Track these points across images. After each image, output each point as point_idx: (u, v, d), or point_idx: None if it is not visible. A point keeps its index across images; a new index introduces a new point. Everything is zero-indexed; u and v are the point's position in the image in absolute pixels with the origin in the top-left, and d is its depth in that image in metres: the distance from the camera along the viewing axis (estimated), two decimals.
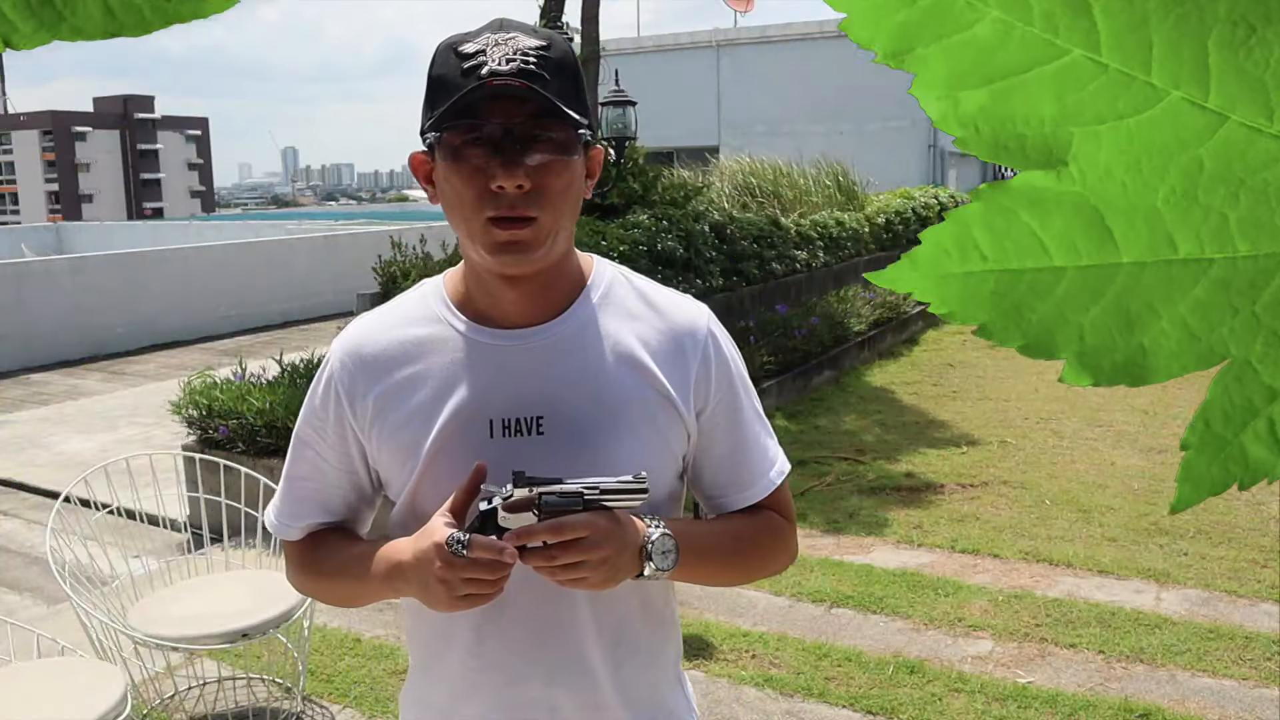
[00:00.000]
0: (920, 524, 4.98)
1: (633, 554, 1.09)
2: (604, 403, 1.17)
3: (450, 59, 1.09)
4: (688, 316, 1.24)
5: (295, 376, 5.62)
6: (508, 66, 1.05)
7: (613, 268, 1.27)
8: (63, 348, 10.50)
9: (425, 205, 38.89)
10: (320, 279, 13.69)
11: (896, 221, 12.00)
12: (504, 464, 1.13)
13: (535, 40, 1.09)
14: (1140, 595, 4.11)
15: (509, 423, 1.16)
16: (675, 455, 1.23)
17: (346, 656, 3.69)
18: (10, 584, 4.70)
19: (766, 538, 1.29)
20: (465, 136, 1.08)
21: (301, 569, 1.31)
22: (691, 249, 7.26)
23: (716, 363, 1.23)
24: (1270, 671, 3.47)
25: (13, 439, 7.20)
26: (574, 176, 1.12)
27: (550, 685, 1.20)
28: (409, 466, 1.19)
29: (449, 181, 1.11)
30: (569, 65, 1.11)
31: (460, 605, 1.08)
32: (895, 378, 8.53)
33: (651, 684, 1.27)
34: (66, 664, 2.83)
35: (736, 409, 1.26)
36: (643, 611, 1.24)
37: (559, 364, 1.18)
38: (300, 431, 1.27)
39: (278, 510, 1.30)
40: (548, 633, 1.19)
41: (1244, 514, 5.06)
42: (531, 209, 1.08)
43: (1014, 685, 3.40)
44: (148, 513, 3.70)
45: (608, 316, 1.21)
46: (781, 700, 3.36)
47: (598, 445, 1.16)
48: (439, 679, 1.26)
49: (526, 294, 1.17)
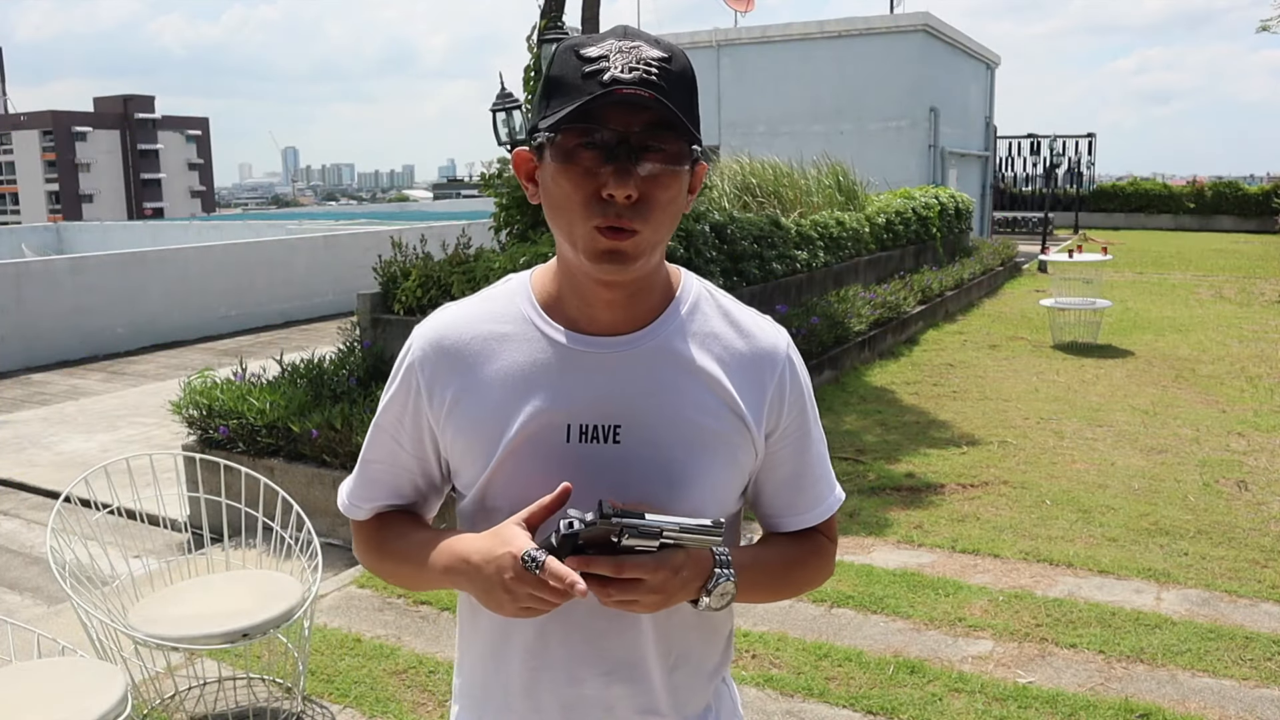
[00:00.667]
0: (920, 524, 4.97)
1: (691, 590, 1.11)
2: (681, 417, 1.18)
3: (571, 60, 1.08)
4: (769, 339, 1.25)
5: (295, 376, 5.62)
6: (630, 75, 1.05)
7: (698, 282, 1.27)
8: (63, 348, 10.51)
9: (425, 205, 38.82)
10: (320, 279, 13.69)
11: (897, 221, 11.99)
12: (579, 470, 1.15)
13: (658, 51, 1.09)
14: (1140, 595, 4.11)
15: (586, 429, 1.17)
16: (743, 474, 1.24)
17: (346, 656, 3.69)
18: (10, 584, 4.70)
19: (815, 563, 1.33)
20: (580, 140, 1.07)
21: (367, 548, 1.33)
22: (691, 249, 7.26)
23: (791, 388, 1.25)
24: (1270, 671, 3.47)
25: (13, 439, 7.19)
26: (680, 190, 1.12)
27: (607, 687, 1.22)
28: (482, 462, 1.19)
29: (557, 183, 1.10)
30: (687, 79, 1.12)
31: (520, 614, 1.09)
32: (895, 378, 8.53)
33: (701, 689, 1.29)
34: (66, 664, 2.82)
35: (805, 435, 1.28)
36: (699, 620, 1.25)
37: (641, 375, 1.18)
38: (379, 416, 1.28)
39: (349, 491, 1.33)
40: (608, 636, 1.21)
41: (1244, 514, 5.06)
42: (636, 221, 1.08)
43: (1014, 685, 3.40)
44: (148, 513, 3.70)
45: (692, 332, 1.21)
46: (781, 700, 3.35)
47: (671, 459, 1.17)
48: (495, 679, 1.27)
49: (618, 302, 1.17)
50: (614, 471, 1.15)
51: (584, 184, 1.08)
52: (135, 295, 11.36)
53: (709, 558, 1.12)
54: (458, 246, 6.44)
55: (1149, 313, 12.19)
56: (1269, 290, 14.52)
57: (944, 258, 13.89)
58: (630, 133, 1.06)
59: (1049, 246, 19.43)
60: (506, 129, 6.55)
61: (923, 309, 10.91)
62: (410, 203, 50.05)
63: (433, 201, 49.64)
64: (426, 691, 3.44)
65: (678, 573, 1.08)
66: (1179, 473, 5.75)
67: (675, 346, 1.20)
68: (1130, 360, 9.23)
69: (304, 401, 5.19)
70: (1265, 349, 9.74)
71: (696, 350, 1.20)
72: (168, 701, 3.37)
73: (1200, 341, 10.13)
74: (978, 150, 22.64)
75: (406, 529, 1.29)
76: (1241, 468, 5.85)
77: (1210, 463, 5.94)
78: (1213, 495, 5.36)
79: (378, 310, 6.24)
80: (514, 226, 6.60)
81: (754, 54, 19.69)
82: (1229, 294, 14.08)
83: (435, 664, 3.61)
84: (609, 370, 1.18)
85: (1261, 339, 10.31)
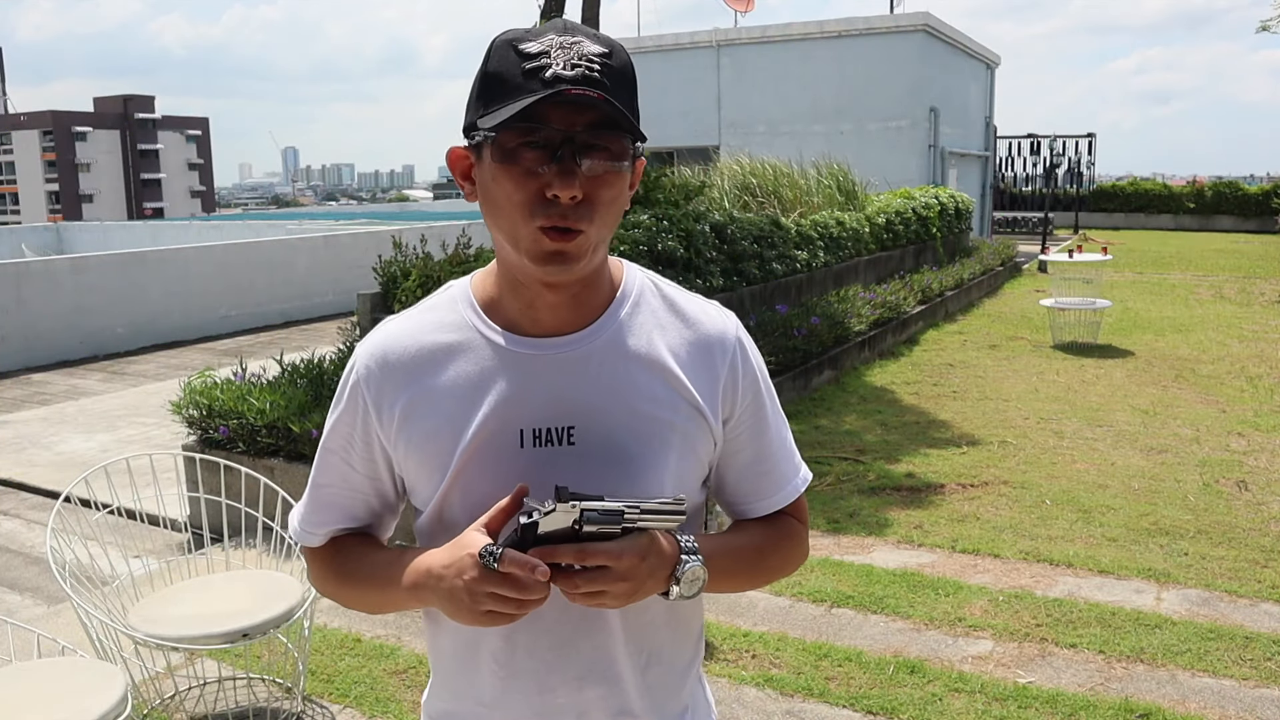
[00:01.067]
0: (920, 524, 4.97)
1: (659, 579, 1.09)
2: (635, 413, 1.16)
3: (509, 56, 1.06)
4: (717, 325, 1.24)
5: (295, 376, 5.62)
6: (572, 72, 1.03)
7: (642, 274, 1.26)
8: (63, 348, 10.51)
9: (425, 205, 38.85)
10: (320, 279, 13.69)
11: (897, 221, 11.99)
12: (535, 474, 1.13)
13: (599, 47, 1.07)
14: (1140, 595, 4.11)
15: (540, 433, 1.15)
16: (702, 464, 1.23)
17: (346, 656, 3.69)
18: (10, 584, 4.70)
19: (787, 547, 1.31)
20: (522, 139, 1.05)
21: (324, 575, 1.29)
22: (692, 249, 7.26)
23: (743, 372, 1.23)
24: (1270, 671, 3.47)
25: (13, 439, 7.19)
26: (623, 188, 1.11)
27: (580, 691, 1.20)
28: (437, 476, 1.17)
29: (498, 183, 1.08)
30: (628, 75, 1.10)
31: (482, 621, 1.06)
32: (895, 378, 8.53)
33: (675, 687, 1.28)
34: (66, 664, 2.82)
35: (762, 418, 1.27)
36: (668, 617, 1.24)
37: (590, 373, 1.17)
38: (326, 438, 1.26)
39: (301, 517, 1.29)
40: (577, 640, 1.19)
41: (1244, 514, 5.06)
42: (582, 221, 1.07)
43: (1014, 685, 3.40)
44: (148, 513, 3.70)
45: (638, 326, 1.20)
46: (781, 700, 3.35)
47: (629, 455, 1.16)
48: (466, 687, 1.25)
49: (561, 303, 1.16)
50: (571, 473, 1.13)
51: (526, 184, 1.06)
52: (135, 295, 11.36)
53: (674, 545, 1.10)
54: (458, 246, 6.44)
55: (1149, 313, 12.19)
56: (1269, 290, 14.52)
57: (944, 258, 13.90)
58: (574, 132, 1.04)
59: (1049, 246, 19.43)
60: None
61: (923, 309, 10.91)
62: (410, 203, 50.11)
63: (433, 201, 49.69)
64: None
65: (644, 559, 1.05)
66: (1179, 473, 5.75)
67: (623, 342, 1.18)
68: (1130, 360, 9.23)
69: (304, 401, 5.19)
70: (1265, 349, 9.74)
71: (644, 343, 1.19)
72: (168, 701, 3.37)
73: (1200, 341, 10.13)
74: (978, 150, 22.64)
75: (364, 551, 1.26)
76: (1241, 468, 5.85)
77: (1210, 463, 5.94)
78: (1213, 495, 5.36)
79: (378, 310, 6.24)
80: None
81: (754, 54, 19.69)
82: (1229, 294, 14.08)
83: None
84: (558, 371, 1.16)
85: (1261, 339, 10.31)
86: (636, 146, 1.10)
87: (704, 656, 1.36)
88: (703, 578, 1.12)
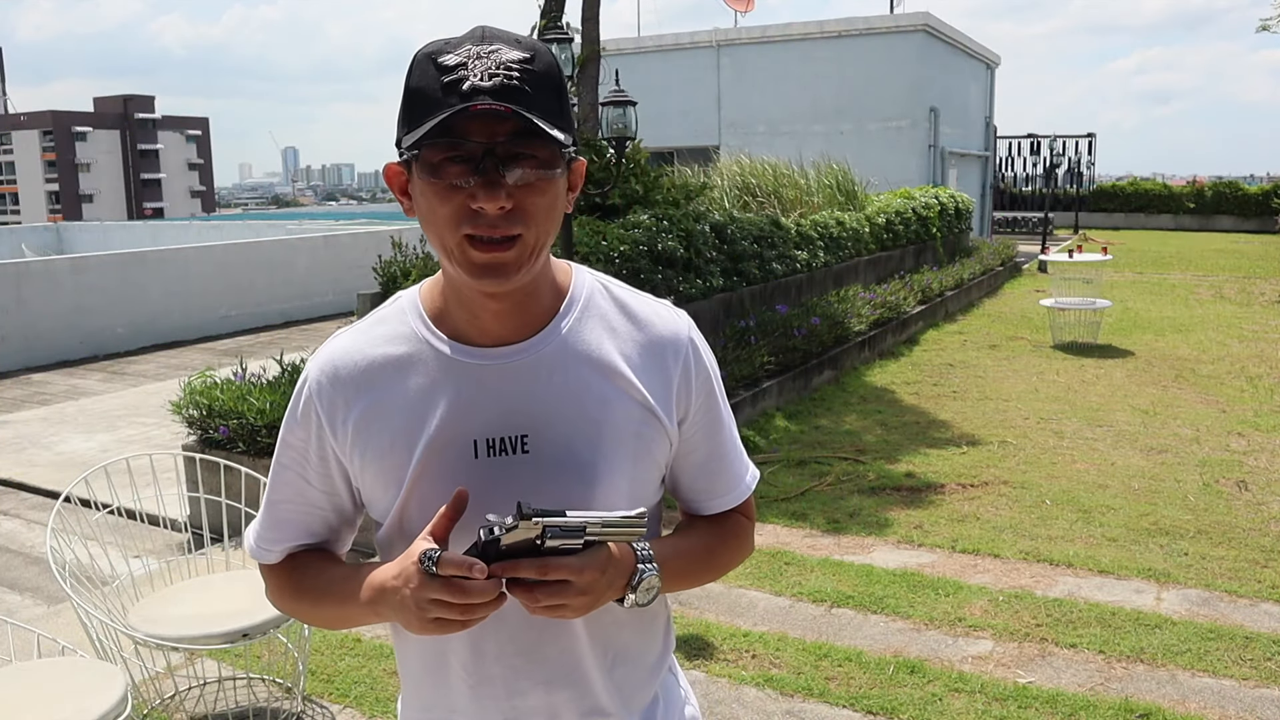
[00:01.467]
0: (920, 524, 4.97)
1: (617, 588, 1.10)
2: (588, 418, 1.16)
3: (429, 70, 1.05)
4: (669, 326, 1.23)
5: (295, 376, 5.62)
6: (490, 82, 1.02)
7: (591, 277, 1.25)
8: (63, 348, 10.51)
9: None
10: (320, 279, 13.69)
11: (897, 221, 12.00)
12: (490, 484, 1.13)
13: (518, 52, 1.05)
14: (1140, 595, 4.11)
15: (493, 442, 1.15)
16: (659, 465, 1.23)
17: (346, 656, 3.69)
18: (10, 584, 4.70)
19: (735, 544, 1.33)
20: (445, 154, 1.04)
21: (281, 592, 1.29)
22: (692, 249, 7.26)
23: (696, 372, 1.23)
24: (1270, 671, 3.47)
25: (13, 439, 7.19)
26: (556, 194, 1.10)
27: (549, 694, 1.21)
28: (394, 489, 1.17)
29: (426, 197, 1.08)
30: (553, 77, 1.07)
31: (431, 629, 1.05)
32: (895, 378, 8.53)
33: (643, 682, 1.29)
34: (66, 664, 2.82)
35: (715, 417, 1.27)
36: (632, 617, 1.24)
37: (541, 381, 1.16)
38: (279, 454, 1.25)
39: (258, 535, 1.29)
40: (542, 644, 1.20)
41: (1244, 514, 5.06)
42: (515, 226, 1.06)
43: (1014, 685, 3.40)
44: (148, 513, 3.70)
45: (588, 330, 1.19)
46: (781, 700, 3.35)
47: (584, 461, 1.15)
48: (437, 696, 1.26)
49: (506, 310, 1.15)
50: (527, 481, 1.13)
51: (452, 197, 1.05)
52: (135, 295, 11.36)
53: (631, 555, 1.11)
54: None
55: (1149, 313, 12.19)
56: (1269, 290, 14.52)
57: (944, 258, 13.90)
58: (495, 143, 1.03)
59: (1049, 246, 19.43)
60: None
61: (923, 309, 10.92)
62: None
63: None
64: None
65: (603, 572, 1.06)
66: (1179, 473, 5.75)
67: (573, 347, 1.18)
68: (1130, 360, 9.23)
69: None
70: (1265, 349, 9.74)
71: (595, 347, 1.18)
72: (168, 701, 3.37)
73: (1200, 341, 10.13)
74: (978, 150, 22.64)
75: (322, 566, 1.26)
76: (1241, 468, 5.85)
77: (1210, 463, 5.94)
78: (1213, 495, 5.36)
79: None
80: None
81: (754, 54, 19.69)
82: (1229, 294, 14.08)
83: None
84: (508, 380, 1.16)
85: (1261, 339, 10.31)
86: (566, 150, 1.08)
87: (703, 656, 1.37)
88: (658, 586, 1.13)
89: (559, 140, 1.04)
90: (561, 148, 1.06)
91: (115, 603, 3.17)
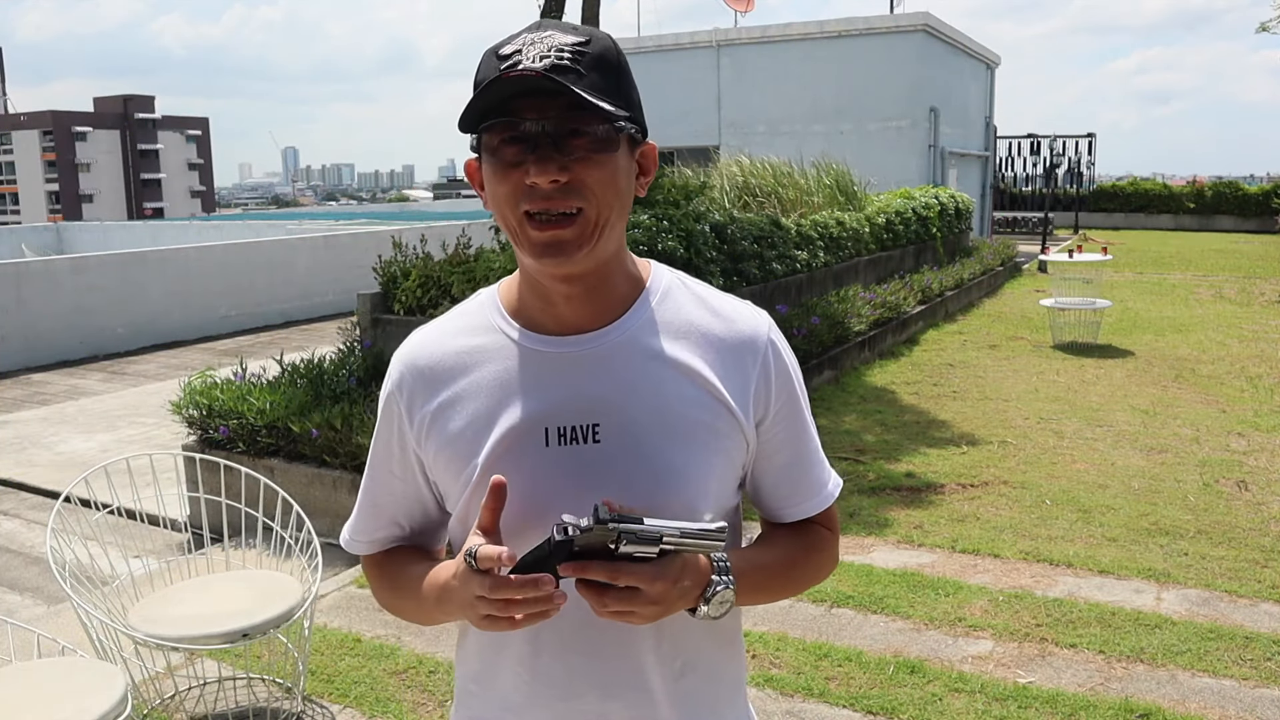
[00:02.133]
0: (920, 524, 4.97)
1: (689, 599, 1.08)
2: (661, 410, 1.14)
3: (491, 62, 1.07)
4: (749, 324, 1.22)
5: (295, 376, 5.62)
6: (540, 64, 1.03)
7: (670, 273, 1.24)
8: (63, 348, 10.51)
9: (425, 205, 38.87)
10: (320, 279, 13.69)
11: (897, 221, 11.99)
12: (560, 472, 1.12)
13: (572, 37, 1.07)
14: (1140, 595, 4.11)
15: (564, 430, 1.14)
16: (735, 465, 1.21)
17: (346, 656, 3.69)
18: (10, 584, 4.70)
19: (817, 559, 1.30)
20: (502, 135, 1.06)
21: (378, 587, 1.31)
22: (692, 249, 7.26)
23: (777, 372, 1.21)
24: (1270, 671, 3.47)
25: (13, 439, 7.19)
26: (615, 171, 1.09)
27: (605, 700, 1.17)
28: (464, 478, 1.17)
29: (489, 181, 1.10)
30: (609, 60, 1.08)
31: (486, 625, 1.05)
32: (895, 378, 8.53)
33: (711, 703, 1.24)
34: (66, 664, 2.82)
35: (798, 420, 1.25)
36: (705, 626, 1.19)
37: (615, 370, 1.15)
38: (371, 448, 1.28)
39: (351, 526, 1.31)
40: (604, 645, 1.16)
41: (1244, 514, 5.06)
42: (573, 200, 1.06)
43: (1014, 685, 3.40)
44: (148, 513, 3.70)
45: (666, 321, 1.18)
46: (781, 700, 3.35)
47: (655, 453, 1.14)
48: (491, 695, 1.23)
49: (579, 297, 1.15)
50: (596, 471, 1.12)
51: (509, 175, 1.07)
52: (135, 295, 11.36)
53: (707, 566, 1.09)
54: (458, 246, 6.44)
55: (1149, 313, 12.19)
56: (1269, 290, 14.52)
57: (944, 258, 13.89)
58: (547, 119, 1.04)
59: (1049, 246, 19.43)
60: None
61: (923, 309, 10.91)
62: (410, 203, 50.06)
63: (433, 201, 49.66)
64: (426, 691, 3.44)
65: (676, 583, 1.04)
66: (1179, 473, 5.75)
67: (649, 338, 1.17)
68: (1130, 360, 9.23)
69: (304, 401, 5.19)
70: (1265, 349, 9.74)
71: (672, 340, 1.17)
72: (168, 701, 3.37)
73: (1200, 341, 10.13)
74: (978, 150, 22.64)
75: (408, 562, 1.26)
76: (1241, 468, 5.85)
77: (1210, 463, 5.94)
78: (1213, 495, 5.36)
79: (378, 310, 6.24)
80: None
81: (754, 54, 19.69)
82: (1229, 294, 14.08)
83: (435, 664, 3.60)
84: (582, 369, 1.15)
85: (1261, 339, 10.31)
86: (625, 126, 1.08)
87: None
88: (732, 600, 1.10)
89: (612, 115, 1.05)
90: (616, 124, 1.07)
91: (115, 603, 3.17)
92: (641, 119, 1.13)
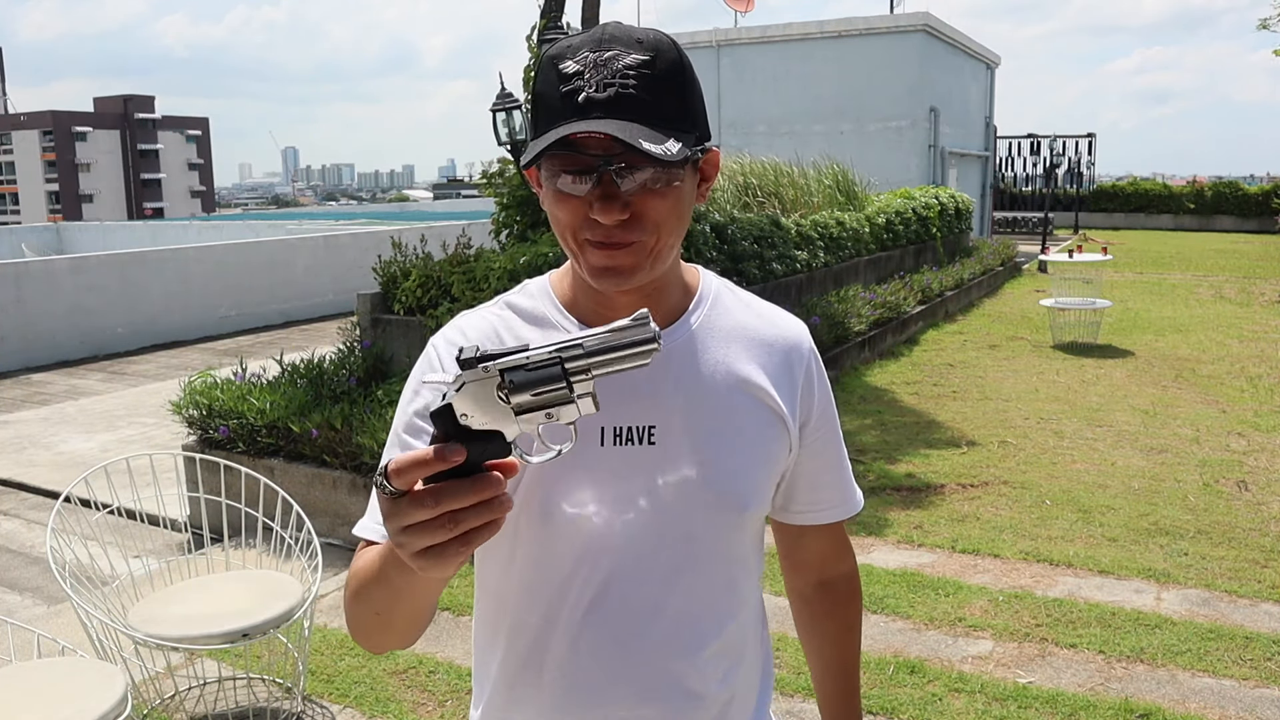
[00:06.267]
0: (920, 524, 4.97)
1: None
2: (717, 413, 1.15)
3: (551, 76, 1.04)
4: (794, 332, 1.26)
5: (295, 376, 5.62)
6: (604, 94, 1.01)
7: (717, 280, 1.25)
8: (63, 348, 10.51)
9: (425, 205, 38.81)
10: (320, 279, 13.69)
11: (897, 221, 11.99)
12: (614, 474, 1.11)
13: (637, 55, 1.03)
14: (1140, 595, 4.11)
15: (620, 431, 1.13)
16: (779, 468, 1.22)
17: (346, 656, 3.69)
18: (10, 584, 4.70)
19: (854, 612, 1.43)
20: (563, 167, 1.04)
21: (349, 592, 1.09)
22: (691, 249, 7.26)
23: (818, 377, 1.25)
24: (1270, 671, 3.47)
25: (13, 439, 7.19)
26: (679, 199, 1.08)
27: (637, 708, 1.15)
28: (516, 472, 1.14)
29: (548, 202, 1.08)
30: (675, 77, 1.06)
31: (431, 567, 0.83)
32: (895, 378, 8.53)
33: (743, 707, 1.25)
34: (66, 664, 2.82)
35: (833, 427, 1.29)
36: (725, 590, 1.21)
37: (672, 373, 1.15)
38: (396, 426, 1.16)
39: (368, 512, 1.13)
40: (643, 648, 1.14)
41: (1244, 514, 5.06)
42: (633, 234, 1.05)
43: (1014, 685, 3.40)
44: (148, 513, 3.70)
45: (719, 328, 1.19)
46: (781, 700, 3.35)
47: (708, 457, 1.14)
48: (524, 699, 1.19)
49: (635, 302, 1.13)
50: (651, 473, 1.12)
51: (571, 204, 1.05)
52: (135, 295, 11.36)
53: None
54: (458, 246, 6.44)
55: (1149, 313, 12.19)
56: (1269, 290, 14.52)
57: (944, 258, 13.89)
58: (612, 154, 1.02)
59: (1049, 246, 19.43)
60: (506, 129, 6.54)
61: (923, 309, 10.91)
62: (410, 203, 50.04)
63: (433, 201, 49.62)
64: (426, 691, 3.44)
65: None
66: (1179, 473, 5.75)
67: (704, 342, 1.18)
68: (1130, 360, 9.23)
69: (304, 401, 5.19)
70: (1265, 349, 9.74)
71: (726, 345, 1.19)
72: (168, 701, 3.37)
73: (1200, 341, 10.13)
74: (978, 150, 22.64)
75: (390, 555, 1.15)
76: (1241, 468, 5.85)
77: (1210, 463, 5.94)
78: (1213, 495, 5.36)
79: (378, 310, 6.24)
80: (514, 227, 6.60)
81: (754, 54, 19.69)
82: (1229, 294, 14.07)
83: (435, 664, 3.60)
84: (639, 370, 1.15)
85: (1261, 339, 10.31)
86: (691, 154, 1.05)
87: None
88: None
89: (676, 159, 1.01)
90: (684, 146, 1.03)
91: (115, 603, 3.17)
92: (705, 125, 1.10)
